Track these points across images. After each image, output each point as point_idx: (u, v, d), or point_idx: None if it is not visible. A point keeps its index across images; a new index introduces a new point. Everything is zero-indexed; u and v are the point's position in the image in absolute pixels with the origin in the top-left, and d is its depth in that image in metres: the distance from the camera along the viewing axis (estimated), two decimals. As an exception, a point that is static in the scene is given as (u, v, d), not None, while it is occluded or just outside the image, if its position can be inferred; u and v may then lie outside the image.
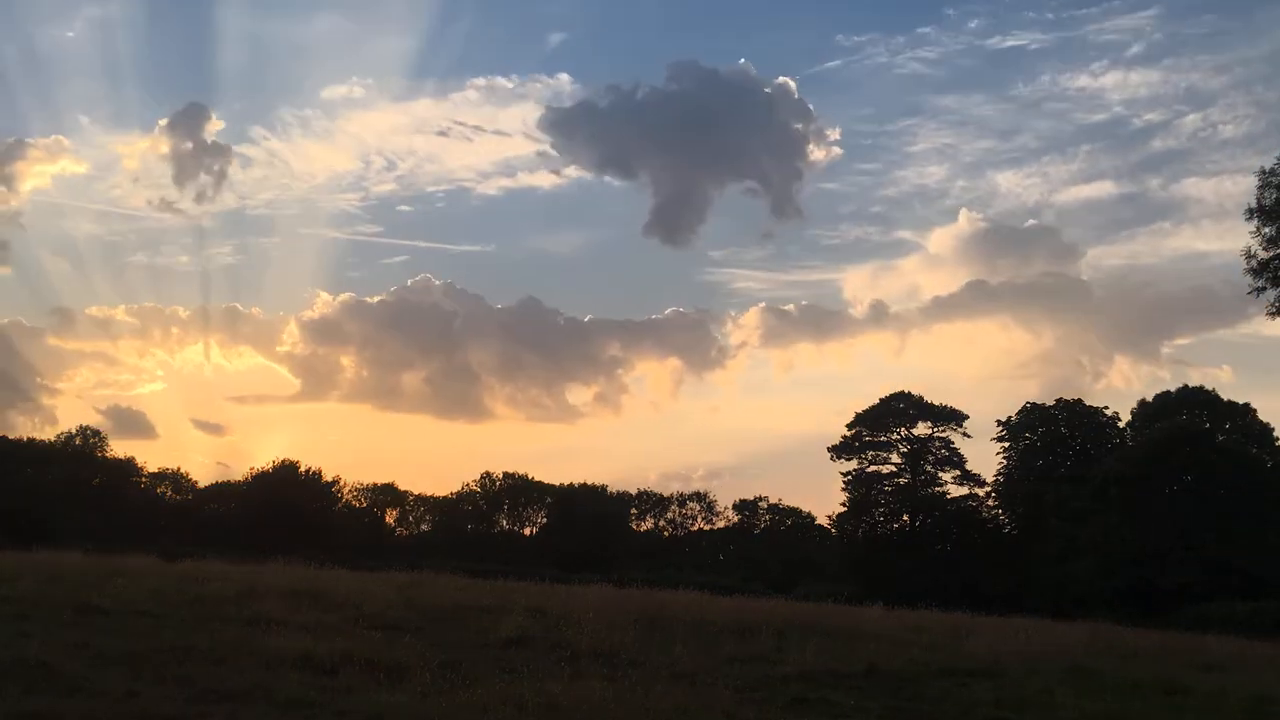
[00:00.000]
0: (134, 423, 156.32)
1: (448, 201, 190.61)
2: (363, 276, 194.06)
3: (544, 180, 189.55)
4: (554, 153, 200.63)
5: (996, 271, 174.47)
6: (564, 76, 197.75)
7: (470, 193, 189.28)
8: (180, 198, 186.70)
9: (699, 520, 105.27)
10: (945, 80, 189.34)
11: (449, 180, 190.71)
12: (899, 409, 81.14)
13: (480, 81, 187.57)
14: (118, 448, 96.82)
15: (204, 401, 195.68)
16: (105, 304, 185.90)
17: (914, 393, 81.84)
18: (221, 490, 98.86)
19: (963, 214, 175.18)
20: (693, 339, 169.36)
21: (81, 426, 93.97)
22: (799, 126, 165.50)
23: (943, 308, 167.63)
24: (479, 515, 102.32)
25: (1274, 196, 38.83)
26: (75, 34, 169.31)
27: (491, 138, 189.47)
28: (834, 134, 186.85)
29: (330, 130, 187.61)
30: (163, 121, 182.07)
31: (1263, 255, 38.87)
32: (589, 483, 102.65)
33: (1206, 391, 74.20)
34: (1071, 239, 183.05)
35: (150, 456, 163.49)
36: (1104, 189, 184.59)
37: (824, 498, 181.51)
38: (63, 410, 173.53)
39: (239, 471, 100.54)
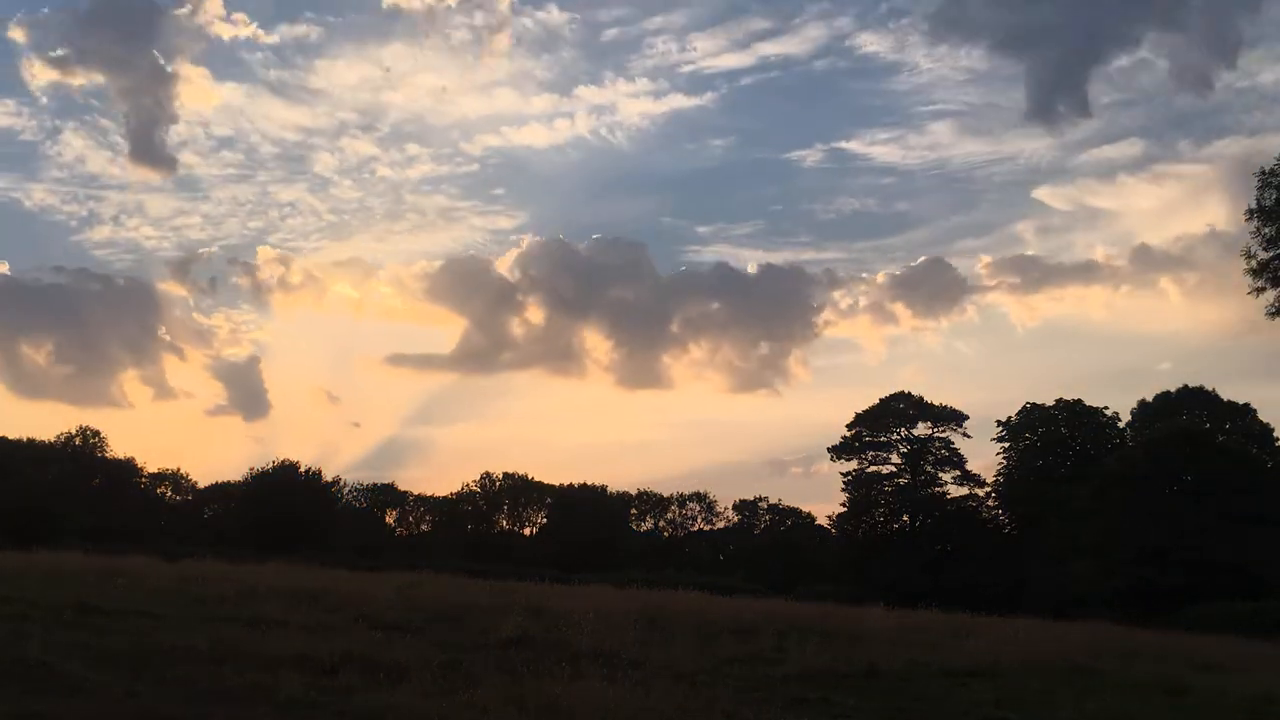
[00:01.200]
0: (252, 395, 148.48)
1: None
2: (563, 212, 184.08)
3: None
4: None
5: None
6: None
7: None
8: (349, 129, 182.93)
9: (699, 520, 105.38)
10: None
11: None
12: (899, 409, 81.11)
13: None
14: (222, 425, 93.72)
15: (353, 363, 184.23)
16: (251, 240, 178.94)
17: (914, 393, 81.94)
18: (221, 490, 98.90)
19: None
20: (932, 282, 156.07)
21: (81, 427, 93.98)
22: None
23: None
24: (479, 515, 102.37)
25: (1274, 196, 38.86)
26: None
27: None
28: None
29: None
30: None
31: (1263, 255, 38.91)
32: (590, 483, 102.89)
33: (1206, 391, 74.22)
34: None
35: (266, 432, 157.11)
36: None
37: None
38: (178, 374, 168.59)
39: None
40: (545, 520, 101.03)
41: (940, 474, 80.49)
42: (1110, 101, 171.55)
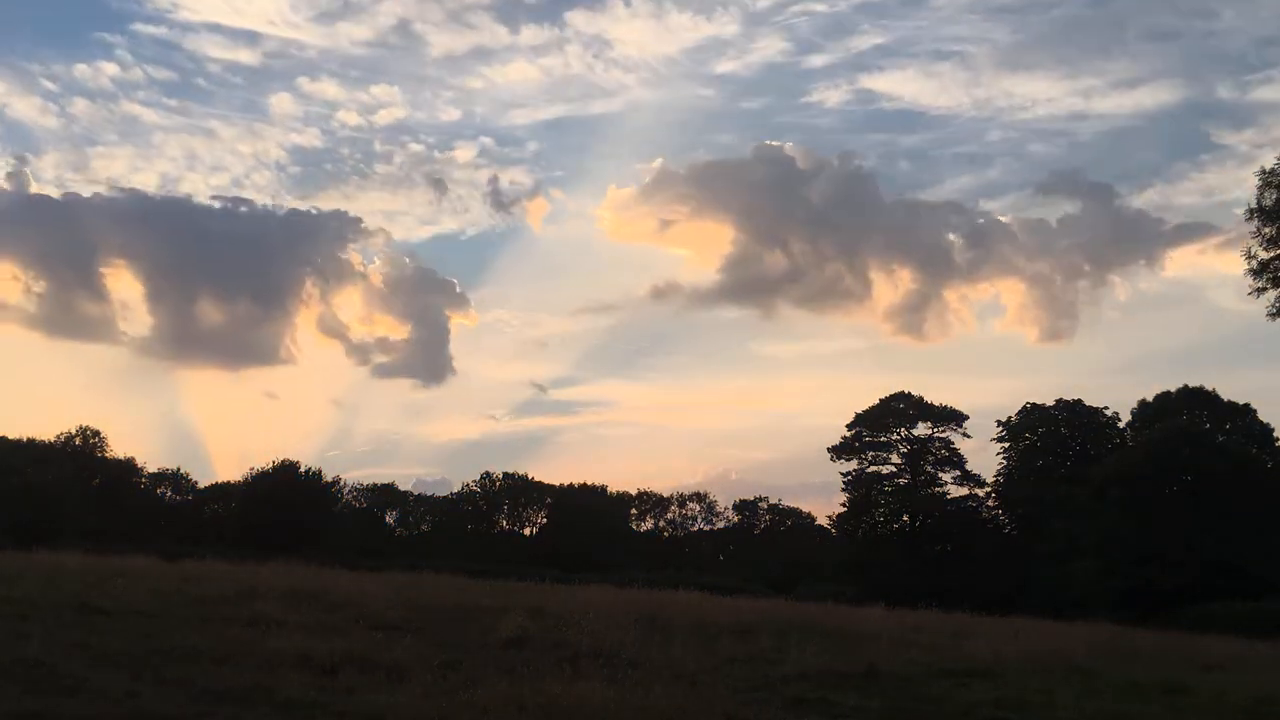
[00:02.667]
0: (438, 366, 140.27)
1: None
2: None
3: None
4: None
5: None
6: None
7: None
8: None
9: (699, 520, 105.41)
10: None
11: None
12: (899, 409, 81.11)
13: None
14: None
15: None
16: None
17: (913, 393, 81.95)
18: (221, 490, 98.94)
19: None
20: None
21: (81, 427, 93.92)
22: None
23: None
24: (479, 515, 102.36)
25: (1274, 196, 38.84)
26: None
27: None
28: None
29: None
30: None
31: (1263, 255, 38.89)
32: (589, 483, 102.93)
33: (1207, 392, 74.10)
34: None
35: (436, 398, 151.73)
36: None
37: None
38: (357, 326, 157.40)
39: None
40: (545, 520, 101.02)
41: (940, 474, 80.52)
42: None
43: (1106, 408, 79.52)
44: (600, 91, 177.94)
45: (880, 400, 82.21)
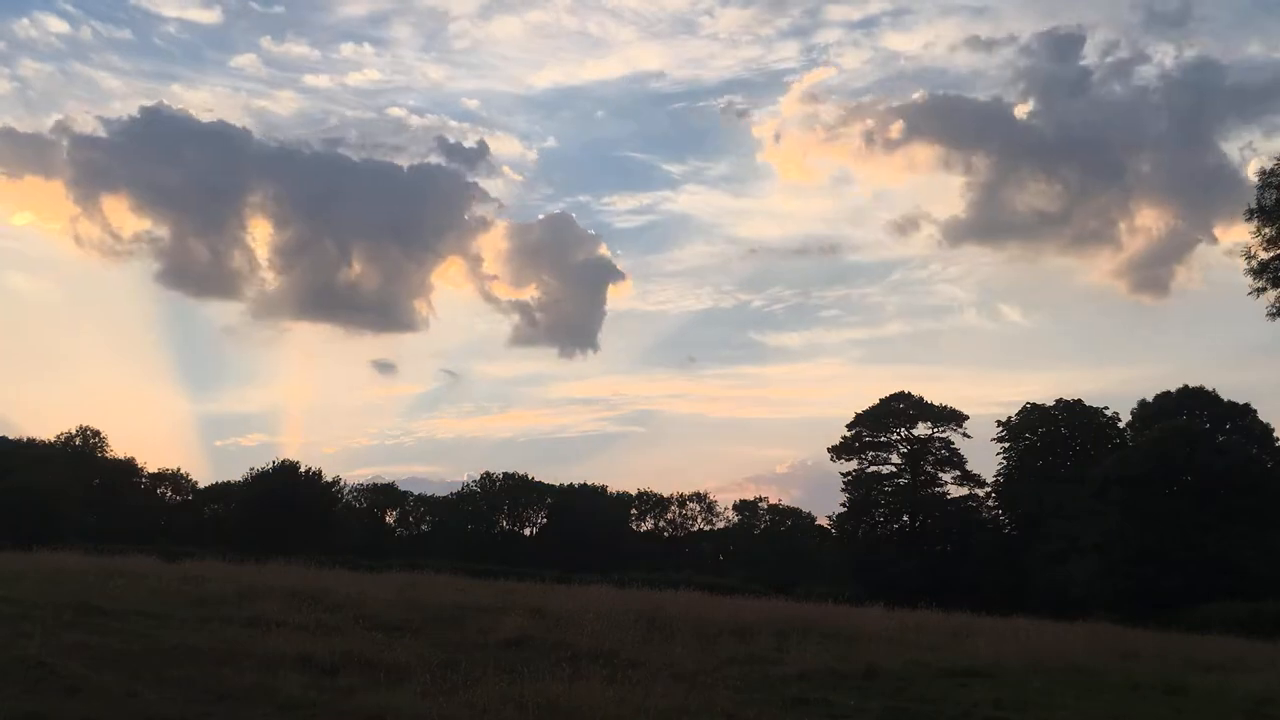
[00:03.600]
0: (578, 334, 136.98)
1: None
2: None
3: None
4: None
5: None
6: None
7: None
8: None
9: (699, 520, 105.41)
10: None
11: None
12: (899, 409, 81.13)
13: None
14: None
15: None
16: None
17: (913, 393, 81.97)
18: (221, 490, 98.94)
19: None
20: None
21: (81, 427, 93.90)
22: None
23: None
24: (479, 515, 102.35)
25: (1274, 196, 38.83)
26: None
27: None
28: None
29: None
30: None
31: (1263, 256, 38.88)
32: (589, 483, 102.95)
33: (1207, 392, 74.06)
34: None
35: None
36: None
37: None
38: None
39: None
40: (545, 520, 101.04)
41: (940, 474, 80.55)
42: None
43: (1106, 407, 79.62)
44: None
45: (880, 400, 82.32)
